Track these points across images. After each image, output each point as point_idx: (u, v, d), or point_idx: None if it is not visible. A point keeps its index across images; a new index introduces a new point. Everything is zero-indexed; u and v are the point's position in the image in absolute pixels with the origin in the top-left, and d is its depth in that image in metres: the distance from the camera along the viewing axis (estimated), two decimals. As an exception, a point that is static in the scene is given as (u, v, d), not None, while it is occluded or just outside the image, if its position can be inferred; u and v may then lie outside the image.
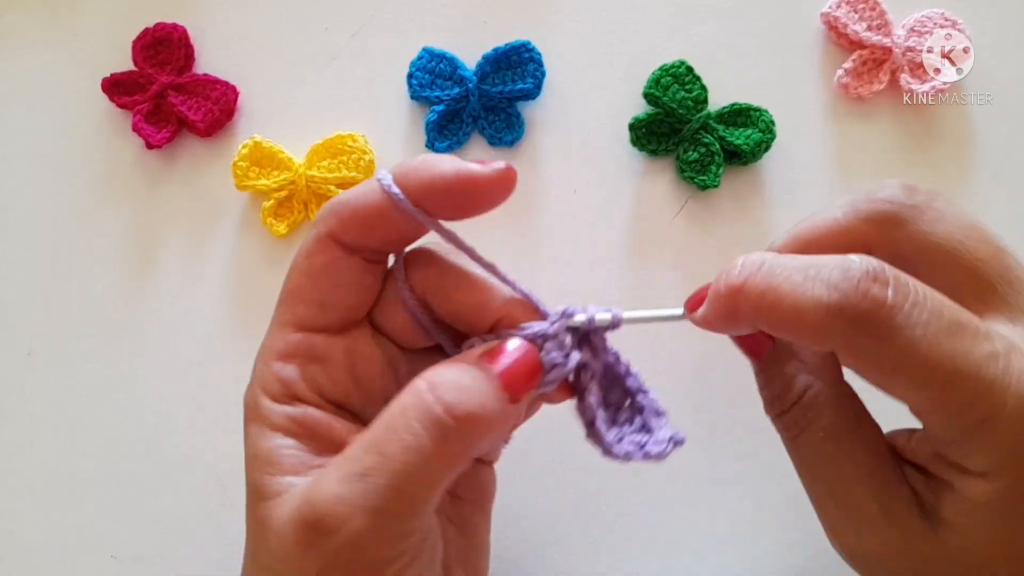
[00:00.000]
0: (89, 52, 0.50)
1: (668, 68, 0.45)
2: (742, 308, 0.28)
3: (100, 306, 0.48)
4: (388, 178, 0.29)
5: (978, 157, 0.46)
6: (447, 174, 0.29)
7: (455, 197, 0.29)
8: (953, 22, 0.46)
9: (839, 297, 0.26)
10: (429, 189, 0.29)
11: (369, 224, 0.30)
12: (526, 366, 0.29)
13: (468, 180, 0.29)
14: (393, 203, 0.29)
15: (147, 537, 0.45)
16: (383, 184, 0.29)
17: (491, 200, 0.30)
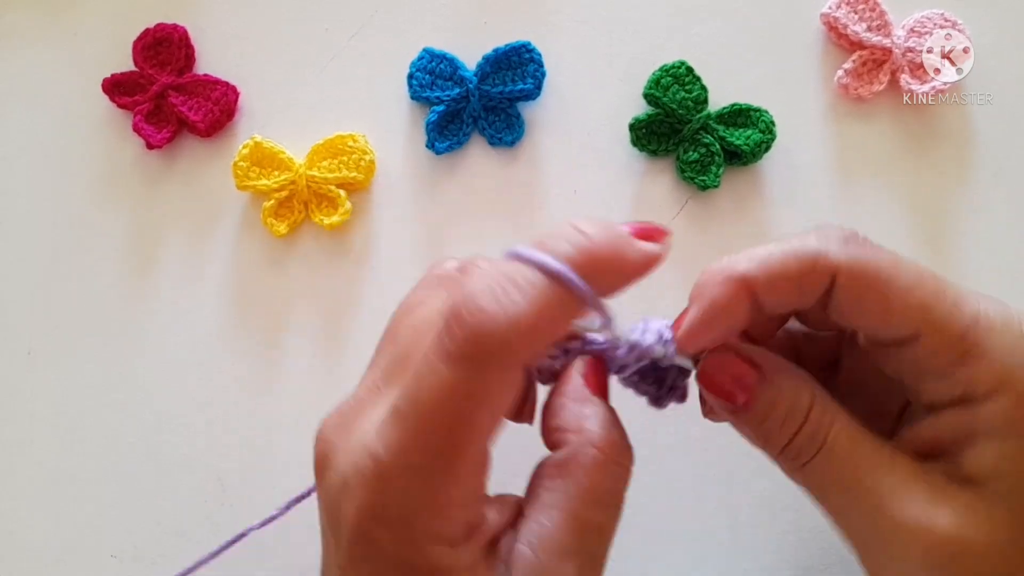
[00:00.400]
0: (89, 52, 0.50)
1: (668, 68, 0.45)
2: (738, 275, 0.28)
3: (100, 306, 0.48)
4: (583, 286, 0.25)
5: (978, 157, 0.46)
6: (634, 268, 0.27)
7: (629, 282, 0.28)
8: (953, 22, 0.46)
9: (826, 234, 0.28)
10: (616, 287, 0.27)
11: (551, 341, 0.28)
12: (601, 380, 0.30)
13: (652, 264, 0.27)
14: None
15: (147, 537, 0.45)
16: (577, 290, 0.25)
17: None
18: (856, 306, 0.28)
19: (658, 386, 0.33)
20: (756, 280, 0.28)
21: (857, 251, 0.28)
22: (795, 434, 0.29)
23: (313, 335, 0.46)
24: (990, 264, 0.45)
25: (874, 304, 0.28)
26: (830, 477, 0.29)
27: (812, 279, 0.28)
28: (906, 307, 0.27)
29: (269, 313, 0.47)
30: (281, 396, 0.46)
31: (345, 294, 0.46)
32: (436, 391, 0.24)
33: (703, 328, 0.29)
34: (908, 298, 0.27)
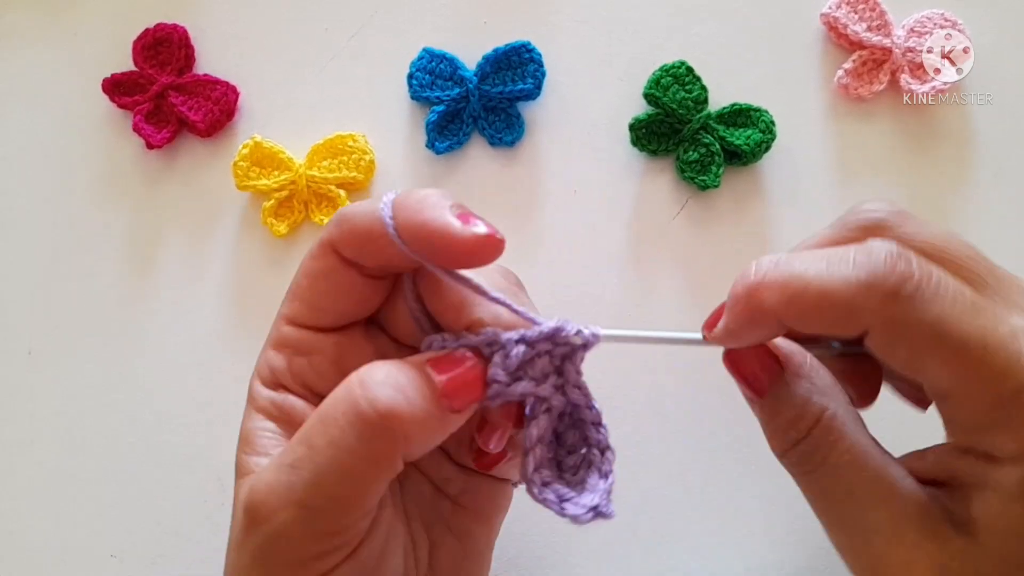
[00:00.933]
0: (89, 52, 0.50)
1: (668, 68, 0.45)
2: (766, 302, 0.27)
3: (100, 306, 0.48)
4: (387, 205, 0.29)
5: (978, 157, 0.46)
6: (429, 222, 0.28)
7: (434, 247, 0.28)
8: (953, 22, 0.46)
9: (868, 273, 0.26)
10: (415, 231, 0.28)
11: (365, 245, 0.29)
12: (468, 377, 0.28)
13: (445, 237, 0.27)
14: (385, 231, 0.28)
15: (147, 537, 0.45)
16: (381, 211, 0.28)
17: (466, 260, 0.28)
18: (886, 357, 0.27)
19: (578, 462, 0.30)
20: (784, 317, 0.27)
21: (899, 311, 0.26)
22: (796, 444, 0.30)
23: (313, 335, 0.46)
24: (990, 264, 0.45)
25: (905, 362, 0.27)
26: (824, 493, 0.29)
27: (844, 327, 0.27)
28: (940, 371, 0.26)
29: (269, 313, 0.47)
30: (281, 396, 0.46)
31: (345, 294, 0.46)
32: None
33: (733, 338, 0.29)
34: (945, 364, 0.26)
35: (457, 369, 0.28)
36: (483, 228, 0.27)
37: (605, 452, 0.29)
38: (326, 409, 0.27)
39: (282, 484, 0.26)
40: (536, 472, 0.28)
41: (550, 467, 0.29)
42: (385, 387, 0.26)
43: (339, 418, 0.26)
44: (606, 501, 0.27)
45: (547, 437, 0.29)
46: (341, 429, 0.26)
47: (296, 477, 0.26)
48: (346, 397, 0.26)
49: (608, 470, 0.28)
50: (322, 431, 0.26)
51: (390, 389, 0.26)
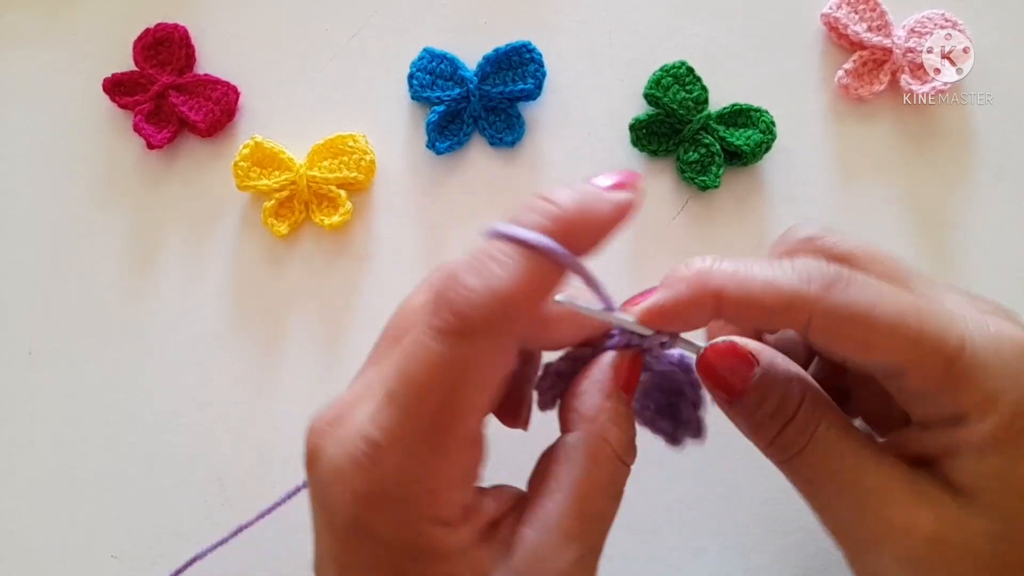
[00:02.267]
0: (89, 52, 0.50)
1: (668, 68, 0.45)
2: (713, 282, 0.28)
3: (100, 306, 0.48)
4: (557, 248, 0.26)
5: (978, 157, 0.46)
6: (607, 220, 0.28)
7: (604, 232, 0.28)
8: (953, 23, 0.46)
9: (806, 271, 0.28)
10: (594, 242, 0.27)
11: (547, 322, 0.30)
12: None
13: (626, 211, 0.28)
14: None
15: (147, 537, 0.45)
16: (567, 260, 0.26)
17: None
18: (833, 346, 0.28)
19: (673, 420, 0.33)
20: (727, 299, 0.28)
21: (837, 298, 0.27)
22: (784, 427, 0.30)
23: (313, 335, 0.46)
24: (990, 264, 0.45)
25: (852, 346, 0.28)
26: (816, 471, 0.30)
27: (785, 317, 0.28)
28: (887, 347, 0.27)
29: (269, 313, 0.47)
30: (281, 396, 0.46)
31: (345, 294, 0.46)
32: (425, 366, 0.25)
33: (660, 316, 0.29)
34: (889, 338, 0.27)
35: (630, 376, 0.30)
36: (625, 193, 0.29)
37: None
38: (596, 486, 0.29)
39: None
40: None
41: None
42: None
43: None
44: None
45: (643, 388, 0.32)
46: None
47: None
48: (611, 469, 0.29)
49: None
50: (607, 498, 0.29)
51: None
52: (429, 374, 0.25)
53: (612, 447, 0.29)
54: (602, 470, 0.28)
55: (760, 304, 0.27)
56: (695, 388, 0.32)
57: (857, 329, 0.27)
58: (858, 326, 0.27)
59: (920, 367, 0.27)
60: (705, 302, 0.28)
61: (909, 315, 0.27)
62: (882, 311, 0.27)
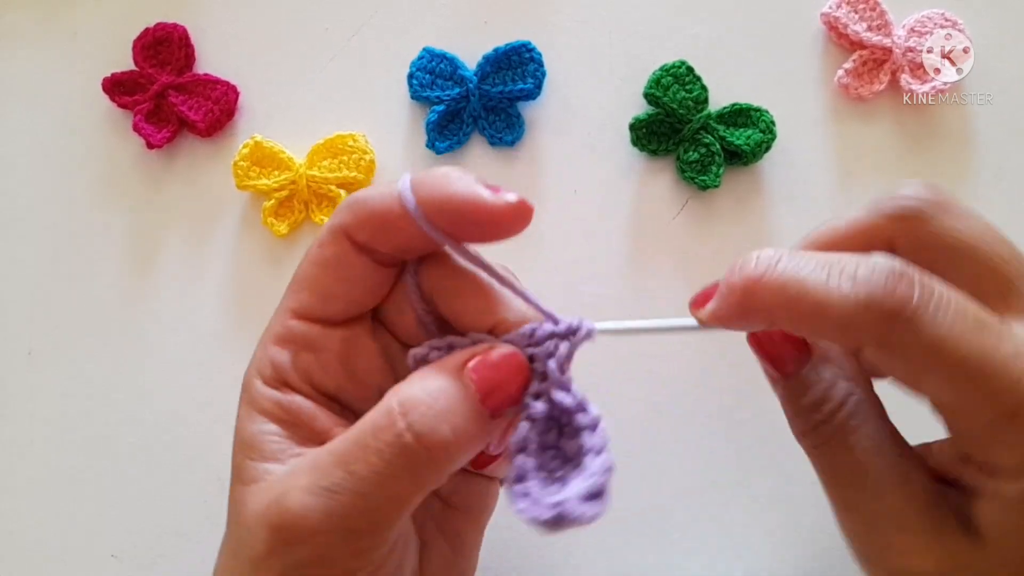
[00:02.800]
0: (89, 52, 0.50)
1: (668, 68, 0.45)
2: (760, 300, 0.26)
3: (100, 306, 0.48)
4: (406, 185, 0.28)
5: (978, 157, 0.46)
6: (458, 195, 0.28)
7: (464, 220, 0.28)
8: (953, 22, 0.46)
9: (867, 292, 0.25)
10: (441, 206, 0.28)
11: (381, 228, 0.29)
12: (511, 373, 0.27)
13: (477, 207, 0.27)
14: (405, 212, 0.28)
15: (147, 537, 0.45)
16: (400, 191, 0.28)
17: (499, 231, 0.28)
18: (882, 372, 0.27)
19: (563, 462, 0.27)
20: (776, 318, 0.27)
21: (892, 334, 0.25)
22: (818, 426, 0.30)
23: (313, 335, 0.46)
24: (990, 264, 0.45)
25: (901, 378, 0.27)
26: (841, 476, 0.29)
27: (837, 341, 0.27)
28: (936, 389, 0.26)
29: (269, 313, 0.47)
30: (281, 396, 0.46)
31: (345, 294, 0.46)
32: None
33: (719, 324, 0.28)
34: (942, 383, 0.26)
35: (497, 367, 0.27)
36: (513, 196, 0.28)
37: (600, 454, 0.26)
38: (365, 435, 0.26)
39: (320, 508, 0.26)
40: (518, 483, 0.26)
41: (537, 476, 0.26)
42: (429, 417, 0.26)
43: (382, 448, 0.26)
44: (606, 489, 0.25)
45: (531, 448, 0.27)
46: (385, 460, 0.25)
47: (335, 502, 0.26)
48: (387, 426, 0.26)
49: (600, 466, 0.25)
50: (363, 458, 0.26)
51: (434, 419, 0.26)
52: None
53: (398, 401, 0.26)
54: (375, 420, 0.27)
55: (810, 329, 0.27)
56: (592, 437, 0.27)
57: (910, 367, 0.26)
58: (912, 364, 0.26)
59: (967, 417, 0.26)
60: (756, 319, 0.27)
61: (971, 362, 0.25)
62: (943, 352, 0.25)
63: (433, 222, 0.28)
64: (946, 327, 0.25)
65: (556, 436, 0.28)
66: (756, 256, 0.27)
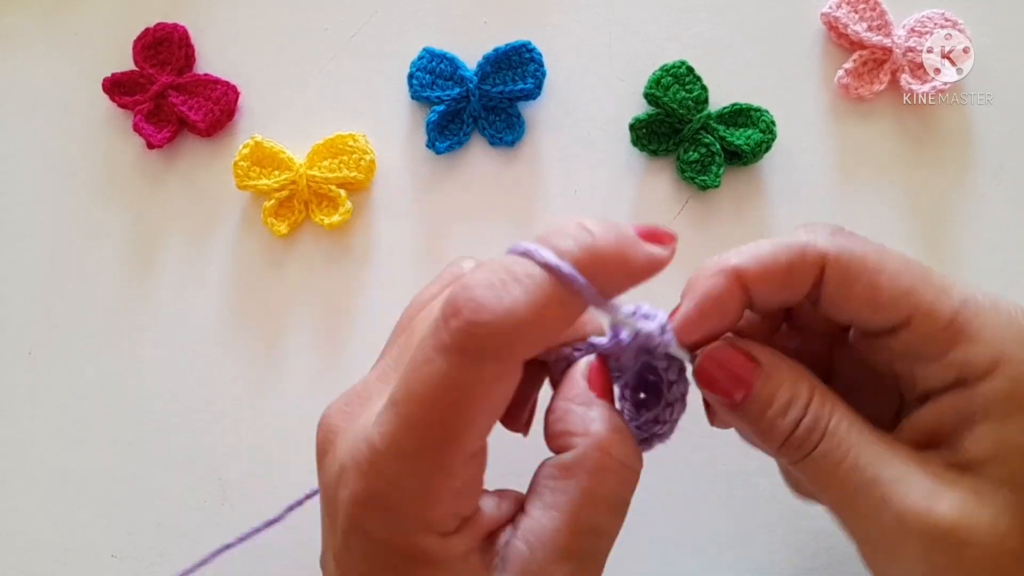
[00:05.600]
0: (89, 52, 0.50)
1: (668, 68, 0.45)
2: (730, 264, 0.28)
3: (100, 306, 0.48)
4: (572, 271, 0.25)
5: (978, 157, 0.46)
6: (639, 270, 0.27)
7: (635, 278, 0.27)
8: (953, 22, 0.46)
9: (811, 226, 0.29)
10: (622, 280, 0.27)
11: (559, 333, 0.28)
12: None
13: (658, 267, 0.27)
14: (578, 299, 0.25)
15: (147, 537, 0.45)
16: (578, 283, 0.25)
17: None
18: (846, 295, 0.28)
19: (654, 400, 0.32)
20: (748, 271, 0.28)
21: (844, 241, 0.28)
22: (796, 426, 0.29)
23: (313, 335, 0.46)
24: (990, 264, 0.45)
25: (863, 291, 0.28)
26: (831, 468, 0.28)
27: (802, 269, 0.28)
28: (895, 293, 0.28)
29: (269, 313, 0.47)
30: (281, 396, 0.46)
31: (345, 294, 0.46)
32: (429, 381, 0.24)
33: (697, 319, 0.29)
34: (896, 284, 0.28)
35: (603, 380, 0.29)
36: (667, 232, 0.28)
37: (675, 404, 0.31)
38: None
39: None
40: None
41: None
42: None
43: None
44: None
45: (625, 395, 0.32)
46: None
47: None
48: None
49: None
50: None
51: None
52: (432, 392, 0.24)
53: (613, 457, 0.27)
54: (603, 483, 0.27)
55: (777, 265, 0.28)
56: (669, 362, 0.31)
57: (867, 276, 0.28)
58: (868, 273, 0.28)
59: (924, 318, 0.27)
60: (733, 289, 0.28)
61: (913, 266, 0.28)
62: (890, 259, 0.28)
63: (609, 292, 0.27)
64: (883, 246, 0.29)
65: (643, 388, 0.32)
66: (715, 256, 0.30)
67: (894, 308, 0.28)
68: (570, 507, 0.27)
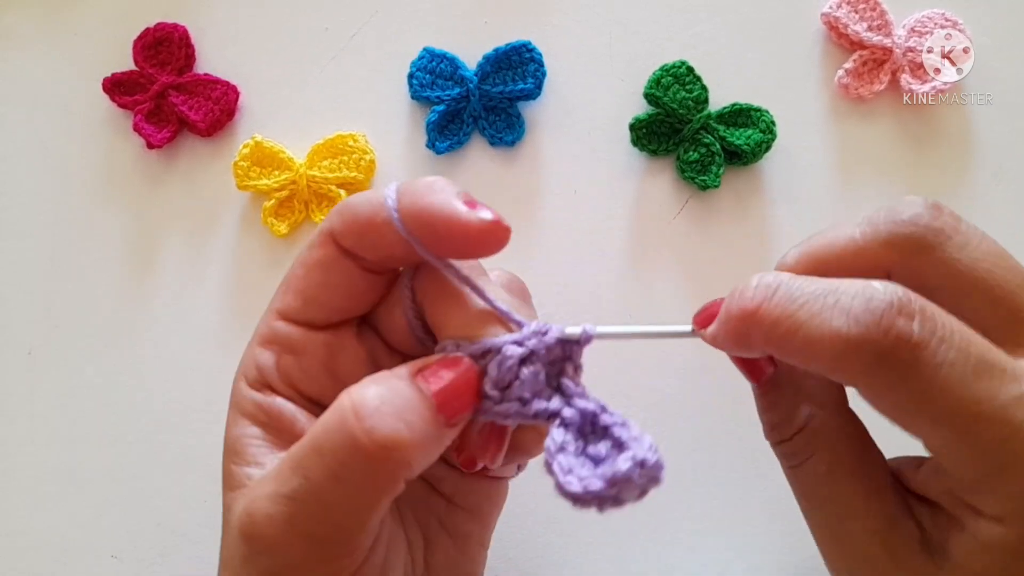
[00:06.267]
0: (89, 52, 0.50)
1: (668, 68, 0.45)
2: (754, 334, 0.26)
3: (100, 306, 0.48)
4: (391, 193, 0.28)
5: (978, 157, 0.46)
6: (434, 206, 0.27)
7: (439, 234, 0.27)
8: (953, 22, 0.46)
9: (860, 332, 0.24)
10: (419, 216, 0.27)
11: (364, 234, 0.28)
12: (460, 385, 0.26)
13: (450, 222, 0.27)
14: (390, 220, 0.28)
15: (147, 537, 0.45)
16: (385, 199, 0.28)
17: (471, 248, 0.27)
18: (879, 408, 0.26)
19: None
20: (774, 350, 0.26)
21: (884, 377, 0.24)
22: (779, 444, 0.31)
23: (313, 335, 0.46)
24: (990, 264, 0.45)
25: (891, 418, 0.26)
26: (805, 492, 0.30)
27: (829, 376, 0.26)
28: (926, 433, 0.25)
29: (269, 313, 0.47)
30: (281, 396, 0.46)
31: (345, 294, 0.46)
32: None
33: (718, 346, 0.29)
34: (930, 428, 0.25)
35: (448, 376, 0.26)
36: (489, 214, 0.27)
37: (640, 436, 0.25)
38: (320, 438, 0.25)
39: (282, 516, 0.25)
40: (567, 475, 0.25)
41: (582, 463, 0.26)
42: (383, 416, 0.25)
43: (336, 450, 0.25)
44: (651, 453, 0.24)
45: (569, 448, 0.26)
46: (341, 462, 0.25)
47: (297, 509, 0.25)
48: (341, 427, 0.25)
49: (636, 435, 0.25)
50: (319, 462, 0.25)
51: (388, 418, 0.25)
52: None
53: (350, 402, 0.25)
54: (326, 422, 0.26)
55: (803, 364, 0.26)
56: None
57: (901, 408, 0.25)
58: (903, 405, 0.25)
59: (956, 464, 0.26)
60: (751, 348, 0.27)
61: (965, 412, 0.24)
62: (936, 399, 0.24)
63: (412, 232, 0.28)
64: (945, 369, 0.24)
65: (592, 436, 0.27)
66: (755, 283, 0.27)
67: (925, 443, 0.26)
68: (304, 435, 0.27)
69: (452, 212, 0.27)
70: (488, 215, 0.27)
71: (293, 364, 0.30)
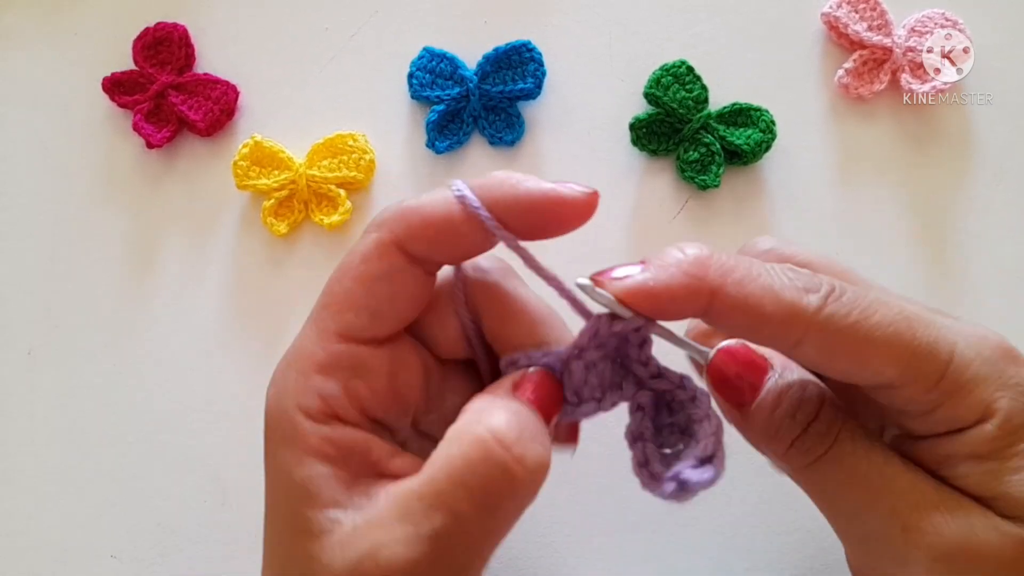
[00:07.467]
0: (89, 52, 0.50)
1: (668, 68, 0.45)
2: (710, 275, 0.27)
3: (100, 306, 0.48)
4: (464, 189, 0.28)
5: (978, 157, 0.46)
6: (534, 193, 0.28)
7: (538, 218, 0.28)
8: (953, 22, 0.46)
9: (804, 278, 0.27)
10: (512, 207, 0.28)
11: (441, 236, 0.28)
12: (552, 398, 0.28)
13: (557, 202, 0.28)
14: (468, 216, 0.28)
15: (147, 537, 0.45)
16: (461, 195, 0.27)
17: (574, 223, 0.28)
18: (826, 362, 0.27)
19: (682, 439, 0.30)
20: (723, 298, 0.26)
21: (834, 309, 0.26)
22: (805, 429, 0.29)
23: (313, 335, 0.46)
24: (990, 264, 0.45)
25: (846, 363, 0.27)
26: (840, 477, 0.28)
27: (779, 329, 0.26)
28: (881, 363, 0.26)
29: (269, 312, 0.47)
30: (281, 396, 0.46)
31: (345, 294, 0.46)
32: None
33: (646, 298, 0.27)
34: (884, 354, 0.26)
35: (541, 392, 0.28)
36: (586, 187, 0.28)
37: (704, 421, 0.28)
38: (463, 472, 0.25)
39: (427, 557, 0.24)
40: (642, 467, 0.28)
41: (656, 458, 0.29)
42: (525, 443, 0.25)
43: (487, 483, 0.25)
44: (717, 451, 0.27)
45: (647, 433, 0.29)
46: (492, 493, 0.25)
47: (442, 547, 0.24)
48: (487, 458, 0.25)
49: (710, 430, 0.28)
50: (467, 496, 0.25)
51: (531, 443, 0.26)
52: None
53: (490, 432, 0.25)
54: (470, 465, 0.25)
55: (757, 311, 0.26)
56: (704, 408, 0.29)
57: (853, 345, 0.26)
58: (853, 342, 0.26)
59: (910, 384, 0.27)
60: (699, 296, 0.27)
61: (902, 327, 0.26)
62: (877, 323, 0.26)
63: (508, 222, 0.28)
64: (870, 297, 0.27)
65: (667, 414, 0.30)
66: (693, 245, 0.28)
67: (878, 374, 0.27)
68: (428, 469, 0.26)
69: (556, 194, 0.28)
70: (581, 186, 0.28)
71: (362, 387, 0.29)
